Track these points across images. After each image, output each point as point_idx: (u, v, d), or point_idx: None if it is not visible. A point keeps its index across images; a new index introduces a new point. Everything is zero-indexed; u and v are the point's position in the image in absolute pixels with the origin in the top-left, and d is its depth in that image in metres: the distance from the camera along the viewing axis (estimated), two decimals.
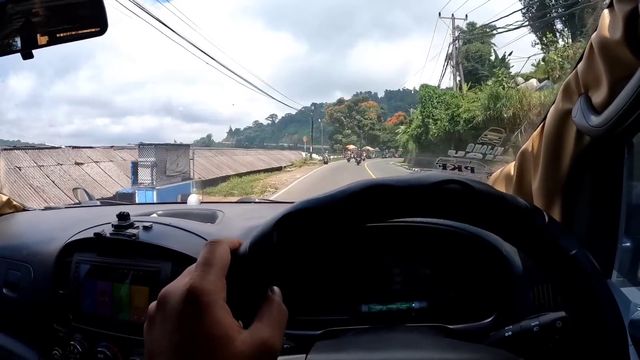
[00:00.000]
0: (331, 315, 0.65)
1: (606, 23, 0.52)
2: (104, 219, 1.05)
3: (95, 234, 0.90)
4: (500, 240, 0.63)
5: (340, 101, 65.25)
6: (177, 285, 0.31)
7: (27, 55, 0.71)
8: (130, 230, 0.89)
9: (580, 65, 0.56)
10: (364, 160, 37.13)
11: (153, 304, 0.32)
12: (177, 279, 0.32)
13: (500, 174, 0.81)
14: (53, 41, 0.71)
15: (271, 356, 0.30)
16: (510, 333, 0.42)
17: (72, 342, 0.90)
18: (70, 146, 11.30)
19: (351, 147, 51.02)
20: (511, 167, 0.74)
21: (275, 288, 0.35)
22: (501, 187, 0.77)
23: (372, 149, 54.90)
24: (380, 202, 0.31)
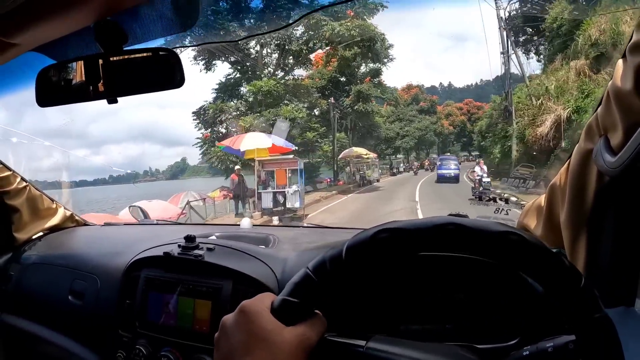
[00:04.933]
0: (373, 332, 0.72)
1: (619, 73, 0.57)
2: (164, 238, 1.18)
3: (164, 253, 1.02)
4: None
5: None
6: (231, 313, 0.46)
7: (112, 101, 0.86)
8: (197, 251, 1.00)
9: (599, 109, 0.62)
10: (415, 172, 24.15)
11: (217, 334, 0.46)
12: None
13: (532, 205, 0.84)
14: (134, 92, 0.86)
15: (308, 345, 0.43)
16: (527, 353, 0.46)
17: (137, 347, 1.01)
18: None
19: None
20: (542, 199, 0.78)
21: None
22: (532, 218, 0.82)
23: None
24: (456, 240, 0.41)
